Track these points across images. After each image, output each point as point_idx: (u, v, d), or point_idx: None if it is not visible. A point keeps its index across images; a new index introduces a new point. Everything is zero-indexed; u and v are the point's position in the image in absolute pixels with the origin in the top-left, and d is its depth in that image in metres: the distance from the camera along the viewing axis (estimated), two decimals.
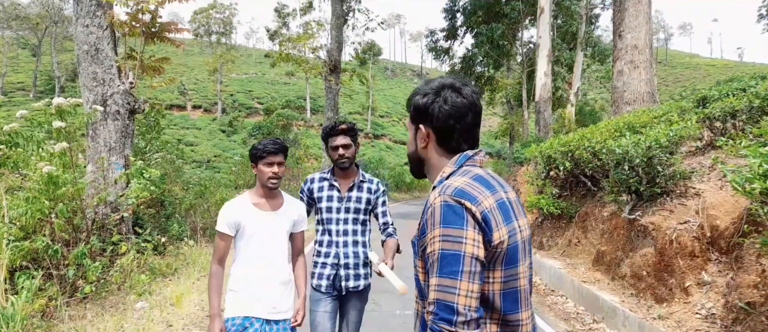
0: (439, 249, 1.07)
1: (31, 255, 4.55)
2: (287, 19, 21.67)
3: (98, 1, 6.15)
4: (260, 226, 2.36)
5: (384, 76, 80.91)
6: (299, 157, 18.64)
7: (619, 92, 9.54)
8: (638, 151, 4.79)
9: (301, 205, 2.59)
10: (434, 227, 1.09)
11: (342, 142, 2.64)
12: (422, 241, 1.15)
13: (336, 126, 2.67)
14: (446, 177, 1.20)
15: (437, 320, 1.05)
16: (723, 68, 71.87)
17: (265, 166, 2.32)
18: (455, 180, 1.15)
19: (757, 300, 3.32)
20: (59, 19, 46.46)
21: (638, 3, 9.29)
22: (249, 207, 2.37)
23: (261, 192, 2.41)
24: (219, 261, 2.36)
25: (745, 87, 6.10)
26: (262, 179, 2.36)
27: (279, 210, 2.43)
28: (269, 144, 2.33)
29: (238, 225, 2.34)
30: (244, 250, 2.37)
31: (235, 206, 2.37)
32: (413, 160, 1.31)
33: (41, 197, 4.56)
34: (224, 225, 2.33)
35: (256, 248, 2.35)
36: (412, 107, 1.27)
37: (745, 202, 3.75)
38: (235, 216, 2.33)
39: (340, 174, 2.72)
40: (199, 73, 55.66)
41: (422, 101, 1.25)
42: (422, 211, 1.20)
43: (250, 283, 2.34)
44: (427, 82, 1.27)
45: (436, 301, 1.06)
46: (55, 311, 4.35)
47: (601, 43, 23.71)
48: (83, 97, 6.05)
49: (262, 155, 2.31)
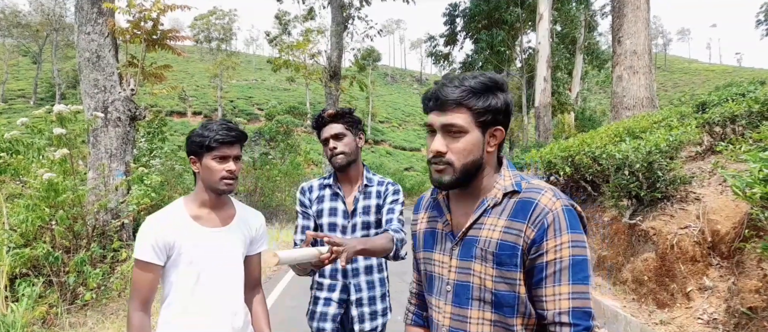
0: (569, 256, 1.03)
1: (32, 263, 4.55)
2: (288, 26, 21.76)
3: (100, 9, 6.18)
4: (204, 249, 1.66)
5: (384, 82, 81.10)
6: (298, 162, 18.63)
7: (618, 97, 9.56)
8: (638, 156, 4.80)
9: (258, 216, 1.89)
10: (561, 233, 1.04)
11: (332, 131, 1.97)
12: (537, 249, 1.06)
13: (322, 113, 2.03)
14: (521, 179, 1.15)
15: (581, 330, 1.02)
16: (722, 73, 72.08)
17: (215, 160, 1.64)
18: (544, 184, 1.12)
19: (759, 305, 3.32)
20: (60, 26, 46.64)
21: (637, 9, 9.33)
22: (186, 223, 1.66)
23: (204, 200, 1.70)
24: (141, 304, 1.61)
25: (744, 92, 6.12)
26: (210, 180, 1.65)
27: (230, 224, 1.74)
28: (222, 130, 1.64)
29: (170, 249, 1.62)
30: (179, 286, 1.64)
31: (164, 221, 1.64)
32: (472, 168, 1.12)
33: (42, 204, 4.57)
34: (148, 248, 1.59)
35: (198, 282, 1.65)
36: (487, 109, 1.09)
37: (746, 207, 3.75)
38: (166, 236, 1.61)
39: (343, 178, 2.08)
40: (200, 79, 55.85)
41: (501, 101, 1.11)
42: (512, 217, 1.09)
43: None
44: (465, 77, 1.11)
45: (572, 310, 1.03)
46: (55, 318, 4.34)
47: (600, 49, 23.81)
48: (84, 104, 6.07)
49: (212, 145, 1.62)
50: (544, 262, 1.05)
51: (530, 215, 1.07)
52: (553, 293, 1.04)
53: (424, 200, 1.36)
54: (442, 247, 1.22)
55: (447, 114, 1.10)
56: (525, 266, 1.07)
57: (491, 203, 1.13)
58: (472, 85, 1.08)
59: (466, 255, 1.14)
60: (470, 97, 1.08)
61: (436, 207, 1.26)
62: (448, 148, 1.11)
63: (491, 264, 1.09)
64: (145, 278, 1.61)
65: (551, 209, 1.05)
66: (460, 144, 1.10)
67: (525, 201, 1.09)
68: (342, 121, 2.00)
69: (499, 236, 1.09)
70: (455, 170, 1.11)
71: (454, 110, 1.09)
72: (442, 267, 1.21)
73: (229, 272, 1.72)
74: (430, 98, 1.13)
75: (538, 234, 1.05)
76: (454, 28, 24.36)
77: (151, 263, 1.60)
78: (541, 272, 1.06)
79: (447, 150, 1.11)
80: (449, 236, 1.20)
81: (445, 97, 1.09)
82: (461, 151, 1.10)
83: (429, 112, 1.14)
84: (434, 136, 1.13)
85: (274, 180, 16.20)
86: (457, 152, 1.10)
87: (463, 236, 1.16)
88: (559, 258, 1.04)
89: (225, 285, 1.71)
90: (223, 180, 1.65)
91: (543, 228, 1.05)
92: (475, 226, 1.14)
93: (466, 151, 1.10)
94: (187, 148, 1.72)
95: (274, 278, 7.30)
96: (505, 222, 1.09)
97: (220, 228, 1.72)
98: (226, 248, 1.72)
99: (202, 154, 1.65)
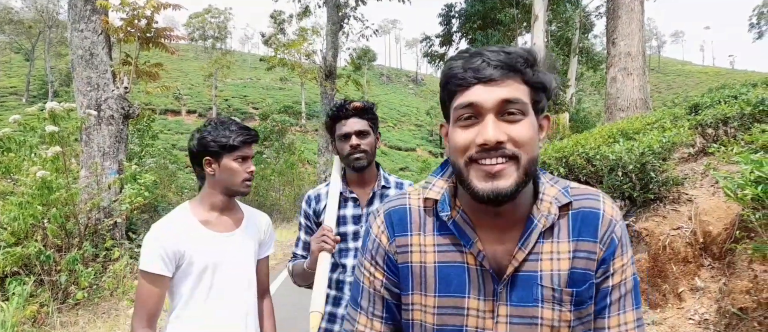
0: (631, 275, 0.85)
1: (23, 261, 4.51)
2: (283, 25, 21.72)
3: (93, 7, 6.14)
4: (218, 256, 1.56)
5: (379, 82, 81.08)
6: (293, 162, 18.60)
7: (612, 98, 9.62)
8: (632, 157, 4.82)
9: (265, 217, 1.81)
10: (626, 250, 0.85)
11: (356, 127, 1.75)
12: (604, 271, 0.83)
13: (345, 104, 1.79)
14: (557, 181, 0.89)
15: None
16: (715, 75, 72.67)
17: (237, 161, 1.57)
18: (585, 186, 0.90)
19: (750, 306, 3.35)
20: (53, 23, 46.32)
21: (631, 11, 9.39)
22: (196, 229, 1.56)
23: (214, 204, 1.61)
24: (148, 320, 1.47)
25: (737, 94, 6.18)
26: (230, 182, 1.58)
27: (241, 226, 1.66)
28: (241, 129, 1.59)
29: (179, 258, 1.51)
30: (191, 296, 1.53)
31: (172, 228, 1.52)
32: (533, 169, 0.80)
33: (34, 202, 4.53)
34: (157, 259, 1.46)
35: (212, 290, 1.55)
36: (544, 85, 0.81)
37: (737, 208, 3.78)
38: (176, 244, 1.49)
39: (355, 180, 1.84)
40: (194, 77, 55.58)
41: (556, 81, 0.84)
42: (578, 235, 0.83)
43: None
44: (522, 47, 0.82)
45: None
46: (46, 317, 4.31)
47: (594, 50, 23.94)
48: (77, 102, 6.03)
49: (235, 144, 1.55)
50: (610, 287, 0.84)
51: (598, 230, 0.82)
52: (618, 323, 0.84)
53: (411, 216, 0.92)
54: (479, 290, 0.85)
55: (502, 84, 0.77)
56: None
57: (545, 223, 0.82)
58: (522, 52, 0.80)
59: (525, 300, 0.82)
60: (525, 65, 0.79)
61: (454, 230, 0.86)
62: (507, 135, 0.77)
63: (569, 306, 0.81)
64: (153, 291, 1.47)
65: (617, 220, 0.85)
66: (522, 129, 0.77)
67: (587, 213, 0.83)
68: (366, 116, 1.78)
69: (569, 266, 0.81)
70: (520, 169, 0.77)
71: (511, 80, 0.78)
72: (483, 318, 0.85)
73: (244, 278, 1.64)
74: (468, 67, 0.79)
75: (608, 253, 0.83)
76: (450, 29, 24.42)
77: (159, 275, 1.47)
78: (605, 299, 0.84)
79: (507, 138, 0.77)
80: (490, 274, 0.84)
81: (495, 61, 0.78)
82: (528, 140, 0.77)
83: (466, 88, 0.79)
84: (475, 122, 0.79)
85: (269, 180, 16.16)
86: (523, 141, 0.77)
87: (514, 272, 0.83)
88: (624, 281, 0.84)
89: (240, 293, 1.62)
90: (245, 181, 1.60)
91: (613, 245, 0.83)
92: (530, 258, 0.83)
93: (532, 140, 0.78)
94: (201, 149, 1.58)
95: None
96: (570, 244, 0.82)
97: (232, 232, 1.63)
98: (241, 253, 1.63)
99: (222, 155, 1.56)
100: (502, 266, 0.84)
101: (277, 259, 8.62)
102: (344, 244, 1.80)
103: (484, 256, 0.84)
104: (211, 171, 1.59)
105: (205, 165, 1.59)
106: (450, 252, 0.87)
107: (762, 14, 58.35)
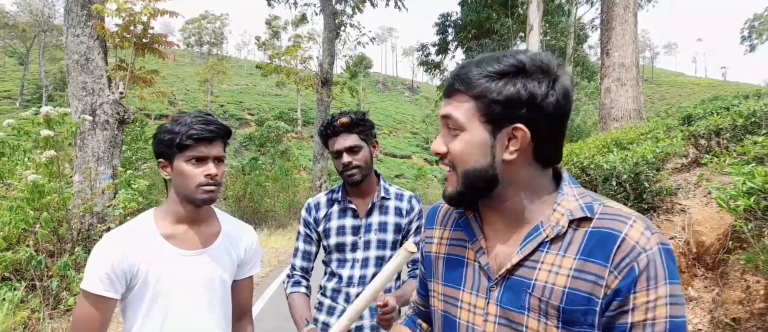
0: (665, 318, 0.72)
1: (14, 266, 4.46)
2: (279, 32, 21.81)
3: (89, 12, 6.14)
4: (179, 279, 1.31)
5: (375, 89, 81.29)
6: (288, 168, 18.56)
7: (606, 109, 9.69)
8: (626, 167, 4.86)
9: (249, 232, 1.52)
10: (657, 285, 0.73)
11: (346, 143, 1.71)
12: (621, 304, 0.74)
13: (333, 121, 1.74)
14: (593, 200, 0.81)
15: None
16: (707, 87, 73.46)
17: (190, 163, 1.28)
18: (627, 209, 0.81)
19: (742, 316, 3.36)
20: (48, 27, 46.18)
21: (625, 22, 9.49)
22: (156, 243, 1.30)
23: (179, 215, 1.34)
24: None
25: (729, 106, 6.24)
26: (184, 188, 1.30)
27: (214, 244, 1.39)
28: (197, 123, 1.29)
29: (132, 278, 1.27)
30: (142, 326, 1.29)
31: (126, 241, 1.28)
32: (480, 178, 0.82)
33: (26, 206, 4.49)
34: (102, 277, 1.22)
35: (167, 321, 1.30)
36: (496, 99, 0.78)
37: (730, 219, 3.81)
38: (128, 260, 1.25)
39: (355, 192, 1.81)
40: (190, 83, 55.49)
41: (526, 89, 0.77)
42: (585, 255, 0.77)
43: None
44: (500, 57, 0.80)
45: None
46: (37, 323, 4.26)
47: (589, 61, 24.15)
48: (72, 106, 6.01)
49: (185, 143, 1.27)
50: (628, 324, 0.73)
51: (614, 255, 0.75)
52: None
53: (440, 212, 1.04)
54: (473, 285, 0.89)
55: (450, 101, 0.84)
56: (600, 327, 0.76)
57: (550, 232, 0.80)
58: (495, 68, 0.79)
59: (513, 304, 0.82)
60: (479, 79, 0.79)
61: (464, 226, 0.93)
62: (447, 147, 0.84)
63: (555, 321, 0.77)
64: (92, 316, 1.22)
65: (645, 248, 0.74)
66: (456, 144, 0.83)
67: (604, 234, 0.77)
68: (356, 130, 1.73)
69: (566, 283, 0.77)
70: (457, 179, 0.84)
71: (458, 97, 0.82)
72: (473, 312, 0.88)
73: (210, 306, 1.36)
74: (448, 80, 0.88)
75: (625, 284, 0.73)
76: (446, 38, 24.56)
77: (102, 296, 1.22)
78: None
79: (447, 150, 0.84)
80: (486, 270, 0.87)
81: (453, 78, 0.83)
82: (457, 154, 0.83)
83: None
84: None
85: (264, 186, 16.12)
86: (454, 155, 0.83)
87: (506, 275, 0.84)
88: (651, 321, 0.72)
89: (202, 321, 1.35)
90: (202, 187, 1.28)
91: (632, 276, 0.73)
92: (527, 264, 0.81)
93: (464, 153, 0.81)
94: (155, 149, 1.34)
95: (261, 285, 7.24)
96: (574, 262, 0.77)
97: (201, 250, 1.35)
98: (208, 276, 1.35)
99: (174, 155, 1.29)
100: (502, 266, 0.85)
101: (271, 266, 8.58)
102: (342, 255, 1.78)
103: (483, 253, 0.88)
104: (167, 175, 1.32)
105: (161, 168, 1.33)
106: (457, 246, 0.95)
107: (753, 28, 59.17)
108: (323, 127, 1.78)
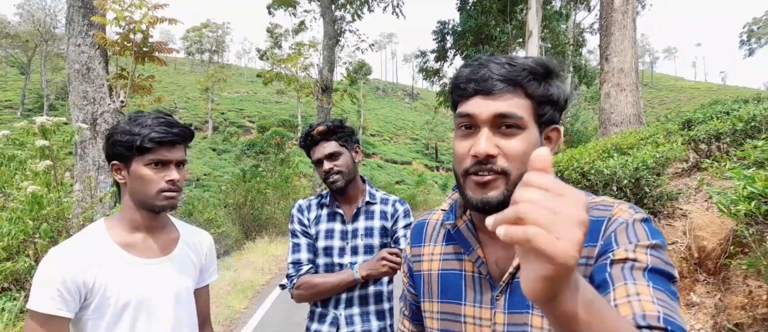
0: (647, 261, 0.72)
1: (14, 277, 4.45)
2: (279, 40, 21.88)
3: (90, 21, 6.17)
4: (143, 290, 1.21)
5: (375, 96, 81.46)
6: (288, 175, 18.55)
7: (606, 114, 9.69)
8: (626, 172, 4.85)
9: (206, 237, 1.46)
10: (637, 238, 0.74)
11: (325, 151, 1.74)
12: (603, 259, 0.75)
13: (310, 131, 1.77)
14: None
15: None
16: (707, 91, 73.54)
17: (149, 167, 1.20)
18: (613, 199, 0.84)
19: (745, 322, 3.34)
20: (49, 37, 46.41)
21: (624, 27, 9.51)
22: (112, 254, 1.20)
23: (135, 223, 1.25)
24: None
25: (729, 110, 6.24)
26: (143, 194, 1.22)
27: (174, 251, 1.31)
28: (159, 125, 1.20)
29: (87, 294, 1.15)
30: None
31: (81, 252, 1.17)
32: (519, 180, 0.83)
33: (25, 217, 4.49)
34: (53, 294, 1.11)
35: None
36: (548, 98, 0.80)
37: (731, 224, 3.80)
38: (82, 274, 1.14)
39: (340, 197, 1.83)
40: (191, 91, 55.69)
41: (560, 91, 0.81)
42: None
43: None
44: (513, 57, 0.81)
45: (663, 316, 0.70)
46: None
47: (588, 66, 24.19)
48: (73, 116, 6.03)
49: (146, 146, 1.18)
50: (609, 260, 0.72)
51: (600, 234, 0.77)
52: (627, 293, 0.67)
53: (427, 227, 0.99)
54: (475, 297, 0.86)
55: (499, 98, 0.77)
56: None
57: None
58: (529, 64, 0.78)
59: (518, 306, 0.81)
60: (529, 78, 0.78)
61: (457, 238, 0.90)
62: (499, 149, 0.78)
63: None
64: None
65: (627, 220, 0.76)
66: (516, 144, 0.78)
67: (594, 222, 0.78)
68: (334, 137, 1.75)
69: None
70: (510, 183, 0.77)
71: (510, 94, 0.78)
72: (479, 325, 0.85)
73: (178, 316, 1.27)
74: (471, 78, 0.80)
75: (608, 243, 0.75)
76: (445, 45, 24.63)
77: (53, 316, 1.09)
78: (602, 272, 0.71)
79: (498, 152, 0.78)
80: (488, 281, 0.85)
81: (497, 75, 0.78)
82: (519, 155, 0.77)
83: (467, 99, 0.81)
84: (473, 133, 0.80)
85: (264, 193, 16.10)
86: (514, 156, 0.77)
87: (510, 279, 0.82)
88: (632, 259, 0.71)
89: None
90: (163, 193, 1.21)
91: (613, 237, 0.75)
92: None
93: (525, 155, 0.76)
94: (108, 150, 1.24)
95: (262, 293, 7.21)
96: None
97: (161, 258, 1.26)
98: (175, 285, 1.27)
99: (131, 159, 1.20)
100: (504, 271, 0.84)
101: (272, 273, 8.54)
102: (330, 259, 1.78)
103: (482, 262, 0.85)
104: (121, 179, 1.24)
105: (113, 171, 1.24)
106: (451, 260, 0.91)
107: (752, 32, 59.30)
108: (302, 138, 1.81)
